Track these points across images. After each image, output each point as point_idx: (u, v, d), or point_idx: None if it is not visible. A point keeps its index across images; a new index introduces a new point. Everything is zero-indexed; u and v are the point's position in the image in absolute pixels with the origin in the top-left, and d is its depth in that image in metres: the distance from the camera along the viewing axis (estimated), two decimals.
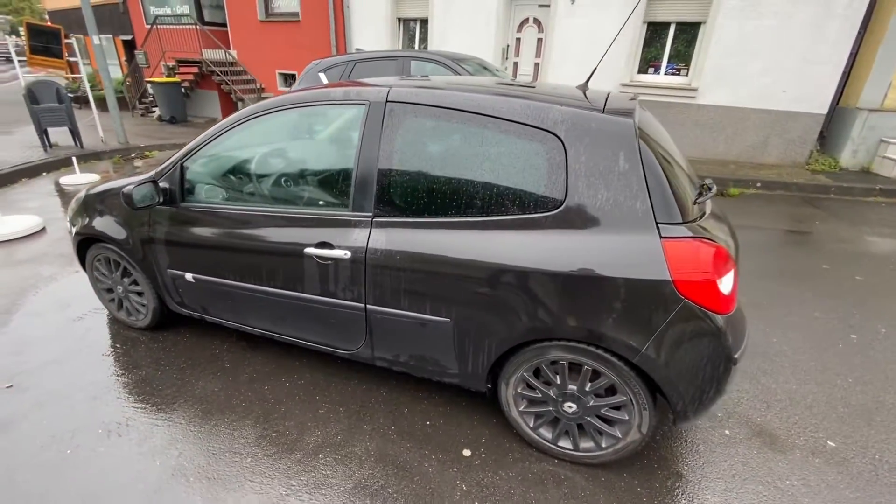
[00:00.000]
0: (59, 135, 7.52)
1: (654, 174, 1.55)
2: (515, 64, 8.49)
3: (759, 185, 6.20)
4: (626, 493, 1.78)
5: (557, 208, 1.61)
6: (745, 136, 7.03)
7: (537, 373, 1.84)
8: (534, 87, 1.97)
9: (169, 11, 11.39)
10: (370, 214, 1.86)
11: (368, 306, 1.94)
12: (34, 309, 3.01)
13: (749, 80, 6.71)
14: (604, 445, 1.82)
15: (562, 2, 7.47)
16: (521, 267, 1.63)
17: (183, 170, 2.23)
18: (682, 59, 7.25)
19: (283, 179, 2.14)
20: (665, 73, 7.40)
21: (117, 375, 2.40)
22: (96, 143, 7.73)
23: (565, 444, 1.89)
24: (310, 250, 1.95)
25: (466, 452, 1.95)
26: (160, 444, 1.97)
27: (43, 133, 7.02)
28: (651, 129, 1.80)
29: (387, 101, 1.84)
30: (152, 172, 2.32)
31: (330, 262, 1.93)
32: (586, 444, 1.86)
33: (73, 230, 2.66)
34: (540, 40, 8.10)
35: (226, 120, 2.16)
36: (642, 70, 7.53)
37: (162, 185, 2.23)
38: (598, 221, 1.57)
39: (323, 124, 2.14)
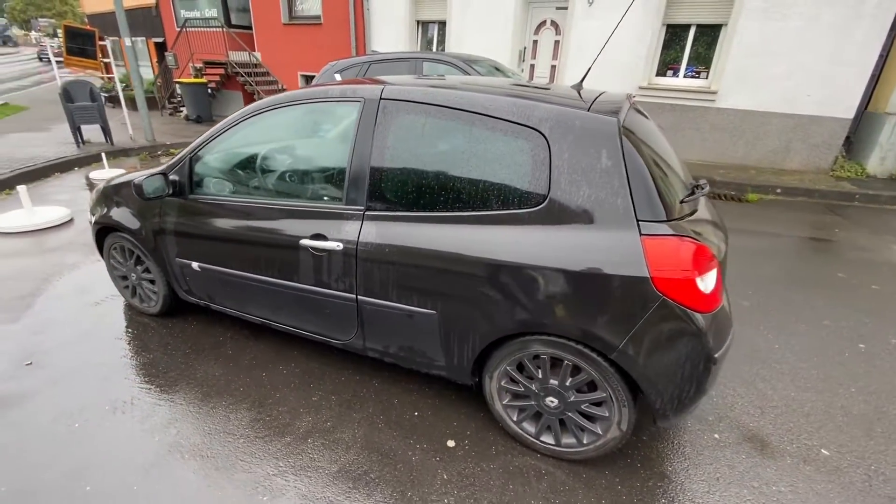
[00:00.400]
0: (92, 132, 7.89)
1: (637, 172, 1.56)
2: (532, 66, 8.49)
3: (779, 190, 6.04)
4: (606, 490, 1.78)
5: (540, 204, 1.64)
6: (766, 141, 6.85)
7: (521, 367, 1.86)
8: (528, 87, 2.00)
9: (198, 15, 11.81)
10: (362, 208, 1.92)
11: (359, 297, 2.00)
12: (57, 293, 3.19)
13: (771, 83, 6.53)
14: (585, 441, 1.83)
15: (579, 4, 7.44)
16: (503, 261, 1.66)
17: (191, 163, 2.35)
18: (702, 61, 7.12)
19: (282, 173, 2.22)
20: (684, 76, 7.27)
21: (127, 357, 2.53)
22: (126, 141, 8.08)
23: (548, 438, 1.91)
24: (305, 242, 2.02)
25: (451, 443, 1.99)
26: (160, 422, 2.07)
27: (76, 130, 7.38)
28: (640, 128, 1.81)
29: (381, 99, 1.90)
30: (164, 166, 2.44)
31: (323, 253, 2.00)
32: (568, 439, 1.87)
33: (93, 219, 2.82)
34: (557, 42, 8.07)
35: (232, 116, 2.26)
36: (661, 73, 7.42)
37: (172, 177, 2.34)
38: (580, 218, 1.59)
39: (321, 120, 2.21)
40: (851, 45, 5.99)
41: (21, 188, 4.35)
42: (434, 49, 9.40)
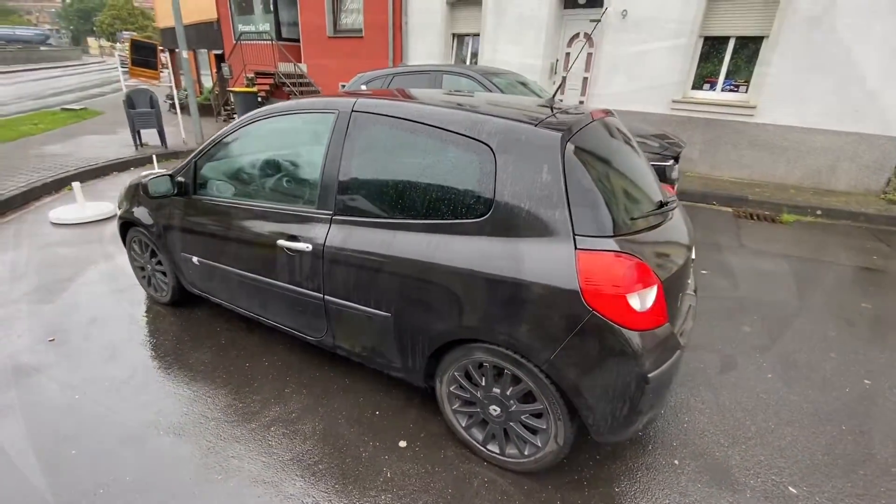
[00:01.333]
0: (151, 136, 8.64)
1: (578, 187, 1.58)
2: (564, 78, 8.42)
3: (819, 212, 5.63)
4: None
5: (484, 215, 1.69)
6: (808, 160, 6.41)
7: (470, 374, 1.90)
8: (491, 101, 2.06)
9: (253, 29, 12.68)
10: (331, 212, 2.05)
11: (326, 297, 2.12)
12: (89, 280, 3.56)
13: (815, 99, 6.13)
14: (526, 453, 1.83)
15: (613, 16, 7.34)
16: (447, 268, 1.72)
17: (196, 167, 2.58)
18: (741, 75, 6.80)
19: (266, 177, 2.40)
20: (722, 90, 6.97)
21: (134, 341, 2.79)
22: (178, 144, 8.78)
23: (493, 447, 1.93)
24: (281, 242, 2.17)
25: (402, 444, 2.05)
26: (146, 400, 2.28)
27: (136, 133, 8.12)
28: (599, 144, 1.83)
29: (352, 111, 2.03)
30: (174, 168, 2.69)
31: (296, 254, 2.14)
32: (511, 449, 1.88)
33: (118, 214, 3.14)
34: (590, 55, 7.99)
35: (231, 124, 2.47)
36: (697, 86, 7.16)
37: (178, 179, 2.58)
38: (520, 229, 1.63)
39: (303, 130, 2.36)
40: None
41: (75, 184, 4.87)
42: (468, 61, 9.56)
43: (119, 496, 1.77)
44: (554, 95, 2.15)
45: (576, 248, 1.54)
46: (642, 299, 1.53)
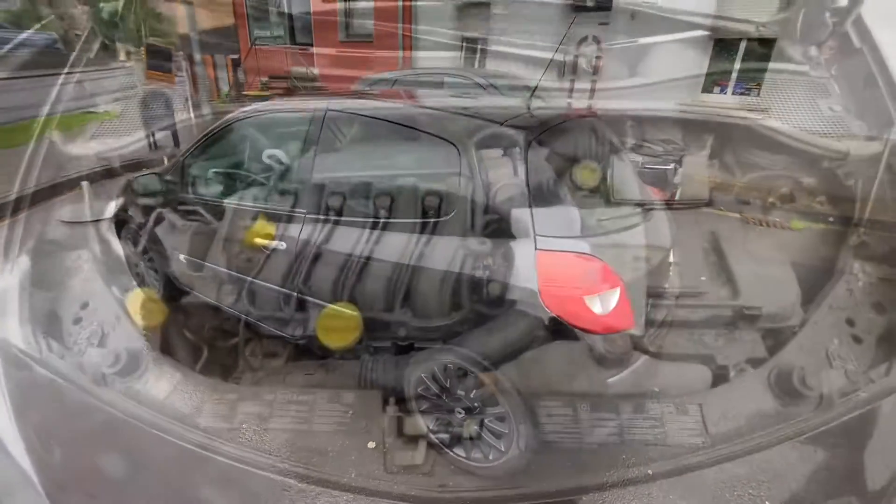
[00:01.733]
0: (166, 137, 8.84)
1: (543, 188, 1.57)
2: (572, 81, 8.35)
3: (831, 219, 5.43)
4: None
5: (449, 214, 1.67)
6: (822, 164, 6.19)
7: (436, 376, 1.88)
8: (467, 102, 2.05)
9: (268, 34, 12.94)
10: (304, 211, 2.06)
11: (300, 295, 2.13)
12: (89, 276, 3.63)
13: (832, 101, 5.94)
14: (490, 457, 1.80)
15: (622, 19, 7.25)
16: (412, 267, 1.72)
17: (184, 165, 2.62)
18: (753, 77, 6.64)
19: (247, 176, 2.43)
20: (733, 93, 6.82)
21: (122, 334, 2.83)
22: None
23: (460, 450, 1.90)
24: (259, 240, 2.19)
25: (371, 444, 2.03)
26: (128, 392, 2.31)
27: (150, 135, 8.33)
28: (573, 143, 1.81)
29: (327, 111, 2.04)
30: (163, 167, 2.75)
31: (272, 252, 2.15)
32: (477, 453, 1.85)
33: (114, 211, 3.21)
34: (598, 58, 7.91)
35: (216, 124, 2.51)
36: (707, 89, 7.01)
37: (167, 177, 2.63)
38: (483, 229, 1.62)
39: (282, 129, 2.38)
40: None
41: (84, 184, 5.01)
42: (476, 65, 9.55)
43: (92, 485, 1.80)
44: (532, 94, 2.12)
45: (536, 248, 1.51)
46: (603, 302, 1.49)
